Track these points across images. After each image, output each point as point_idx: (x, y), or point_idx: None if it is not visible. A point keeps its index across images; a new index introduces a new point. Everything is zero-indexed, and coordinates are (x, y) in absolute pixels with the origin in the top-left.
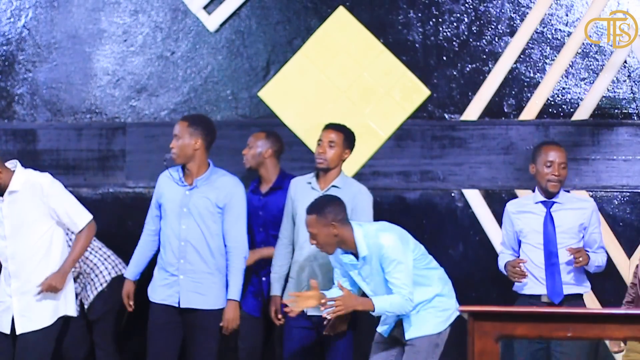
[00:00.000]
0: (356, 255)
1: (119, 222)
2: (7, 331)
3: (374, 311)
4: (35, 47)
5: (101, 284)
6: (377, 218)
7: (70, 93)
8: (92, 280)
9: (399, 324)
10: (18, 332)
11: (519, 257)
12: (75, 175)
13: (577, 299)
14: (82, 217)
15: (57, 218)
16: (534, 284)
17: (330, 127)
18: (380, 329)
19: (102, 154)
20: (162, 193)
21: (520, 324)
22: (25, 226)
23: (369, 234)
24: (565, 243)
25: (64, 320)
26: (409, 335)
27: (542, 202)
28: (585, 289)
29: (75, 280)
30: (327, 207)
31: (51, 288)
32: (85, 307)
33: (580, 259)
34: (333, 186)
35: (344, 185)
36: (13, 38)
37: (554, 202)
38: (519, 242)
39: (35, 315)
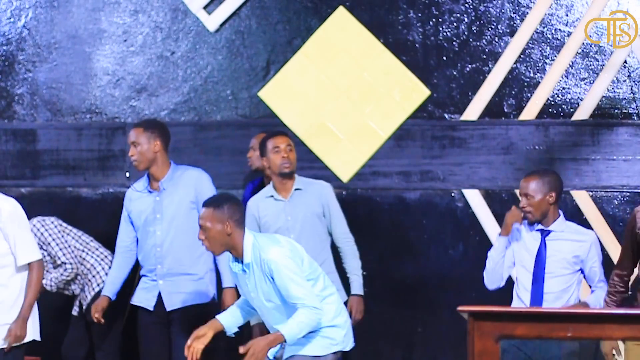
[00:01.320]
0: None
1: (119, 222)
2: None
3: (286, 341)
4: (35, 47)
5: (98, 285)
6: (377, 218)
7: (70, 93)
8: (89, 281)
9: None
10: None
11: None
12: (75, 175)
13: None
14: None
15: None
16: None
17: (279, 133)
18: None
19: (102, 154)
20: (131, 209)
21: (520, 324)
22: None
23: (259, 244)
24: (554, 273)
25: (64, 321)
26: (286, 353)
27: (539, 230)
28: None
29: (73, 281)
30: (226, 204)
31: (17, 339)
32: (84, 307)
33: None
34: (296, 189)
35: (305, 185)
36: (13, 38)
37: (550, 231)
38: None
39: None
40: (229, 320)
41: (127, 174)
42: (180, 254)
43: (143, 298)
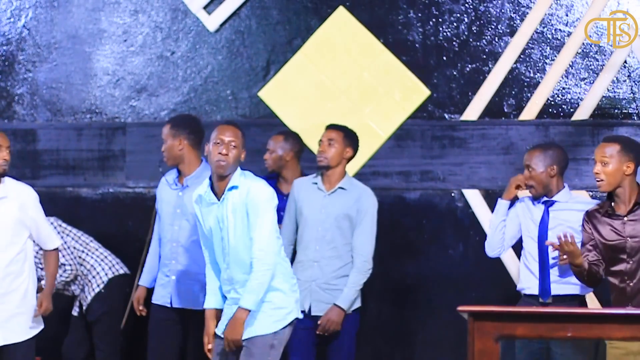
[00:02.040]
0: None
1: (119, 222)
2: None
3: (250, 311)
4: (35, 47)
5: (98, 285)
6: (377, 218)
7: (70, 93)
8: (89, 281)
9: None
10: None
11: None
12: (75, 175)
13: (573, 300)
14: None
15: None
16: (533, 284)
17: (330, 127)
18: (218, 330)
19: (102, 154)
20: (159, 199)
21: (520, 324)
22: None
23: (249, 178)
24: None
25: (64, 321)
26: (243, 335)
27: (544, 201)
28: (577, 290)
29: (73, 281)
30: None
31: (46, 310)
32: (84, 308)
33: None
34: (339, 188)
35: (350, 186)
36: (13, 38)
37: (554, 202)
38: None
39: (16, 327)
40: (217, 300)
41: (160, 168)
42: (196, 254)
43: (159, 295)
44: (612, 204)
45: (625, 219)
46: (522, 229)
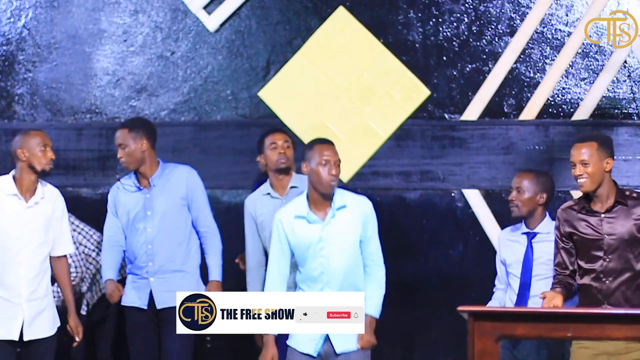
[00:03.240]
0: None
1: None
2: (16, 337)
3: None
4: (35, 47)
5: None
6: (377, 218)
7: (70, 93)
8: (97, 281)
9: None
10: (29, 338)
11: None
12: (75, 175)
13: None
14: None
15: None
16: None
17: (277, 130)
18: (305, 347)
19: (102, 154)
20: (123, 203)
21: (520, 324)
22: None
23: (342, 192)
24: (544, 275)
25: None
26: (340, 348)
27: (525, 233)
28: None
29: (82, 280)
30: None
31: (81, 330)
32: (89, 307)
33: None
34: (292, 187)
35: (301, 183)
36: (13, 38)
37: (536, 233)
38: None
39: (44, 322)
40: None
41: (117, 176)
42: (172, 251)
43: (135, 297)
44: (589, 201)
45: (603, 216)
46: (506, 267)
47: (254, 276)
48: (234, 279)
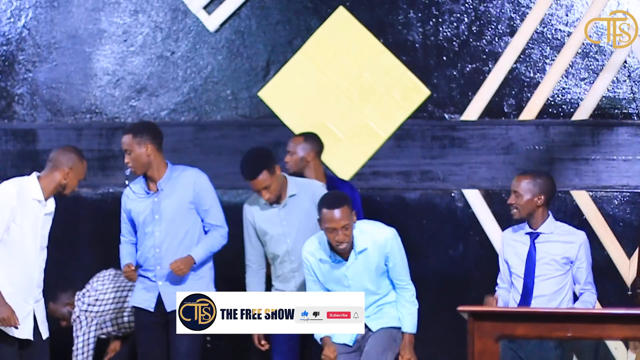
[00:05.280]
0: (340, 254)
1: (119, 222)
2: (31, 337)
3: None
4: (35, 47)
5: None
6: (377, 218)
7: (70, 93)
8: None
9: None
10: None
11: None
12: None
13: None
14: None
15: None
16: None
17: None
18: (341, 338)
19: (102, 154)
20: (130, 209)
21: (520, 324)
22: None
23: (363, 228)
24: (545, 275)
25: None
26: (374, 327)
27: (528, 233)
28: None
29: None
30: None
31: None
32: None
33: None
34: (290, 196)
35: (299, 188)
36: (13, 38)
37: (539, 234)
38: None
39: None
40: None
41: (127, 181)
42: (180, 255)
43: (142, 299)
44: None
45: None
46: (509, 266)
47: (253, 277)
48: (234, 279)
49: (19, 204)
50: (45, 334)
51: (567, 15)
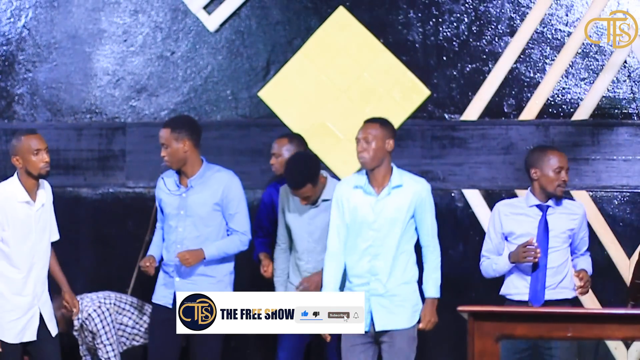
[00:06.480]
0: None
1: (119, 222)
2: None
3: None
4: (35, 47)
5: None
6: None
7: (70, 93)
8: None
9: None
10: (55, 333)
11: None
12: (75, 175)
13: (564, 304)
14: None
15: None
16: (523, 288)
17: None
18: (354, 327)
19: (102, 154)
20: (160, 198)
21: (520, 324)
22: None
23: (404, 173)
24: (555, 247)
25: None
26: (380, 327)
27: (537, 205)
28: (571, 294)
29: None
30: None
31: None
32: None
33: (586, 289)
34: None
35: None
36: (13, 38)
37: (549, 206)
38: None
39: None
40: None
41: (161, 174)
42: None
43: (161, 295)
44: None
45: None
46: (509, 238)
47: (280, 254)
48: (234, 279)
49: (4, 214)
50: (54, 331)
51: (567, 15)
